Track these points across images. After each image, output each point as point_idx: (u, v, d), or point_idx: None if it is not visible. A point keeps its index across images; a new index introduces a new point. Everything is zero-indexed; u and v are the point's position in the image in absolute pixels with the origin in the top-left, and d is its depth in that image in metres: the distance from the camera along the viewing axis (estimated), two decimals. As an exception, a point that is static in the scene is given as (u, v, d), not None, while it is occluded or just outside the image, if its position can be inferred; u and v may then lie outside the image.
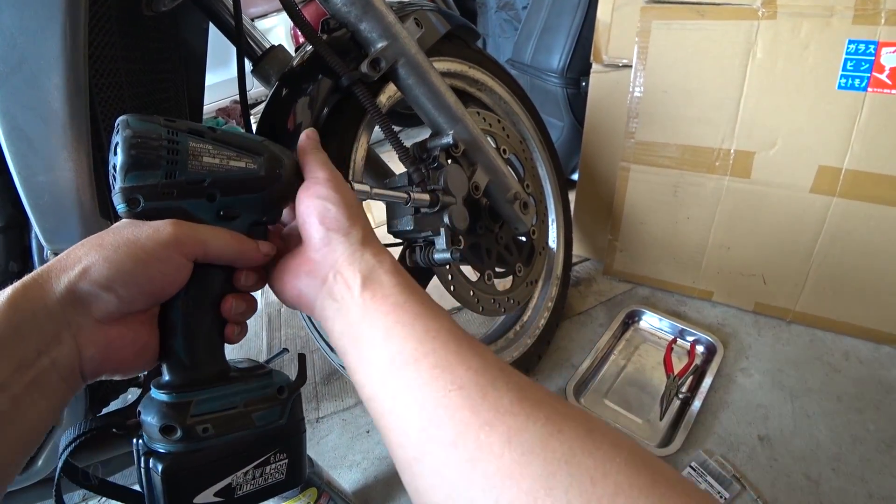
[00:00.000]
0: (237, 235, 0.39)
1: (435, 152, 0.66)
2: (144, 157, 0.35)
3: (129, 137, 0.34)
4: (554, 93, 1.39)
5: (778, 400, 0.96)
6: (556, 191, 1.07)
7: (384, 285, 0.38)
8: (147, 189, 0.35)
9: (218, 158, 0.38)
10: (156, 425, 0.35)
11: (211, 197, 0.38)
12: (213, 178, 0.38)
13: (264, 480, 0.40)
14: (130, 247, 0.34)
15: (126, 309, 0.35)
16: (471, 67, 0.90)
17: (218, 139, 0.38)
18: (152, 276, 0.35)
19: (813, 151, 0.97)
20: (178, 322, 0.38)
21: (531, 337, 0.99)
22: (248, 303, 0.41)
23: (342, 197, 0.41)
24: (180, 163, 0.36)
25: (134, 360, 0.36)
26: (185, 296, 0.38)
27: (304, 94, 0.66)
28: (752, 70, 0.98)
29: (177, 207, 0.37)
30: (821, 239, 1.01)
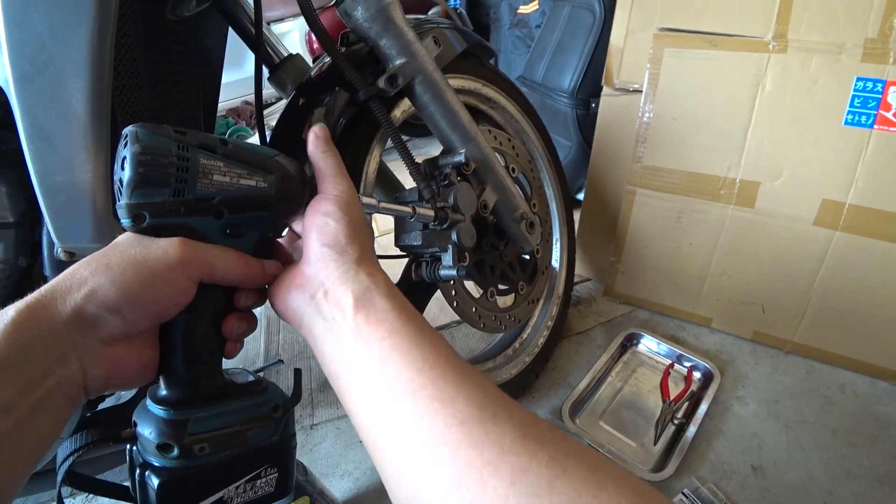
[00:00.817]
0: (244, 257, 0.39)
1: (446, 170, 0.66)
2: (153, 174, 0.34)
3: (138, 154, 0.33)
4: (563, 112, 1.40)
5: (773, 430, 0.96)
6: (561, 210, 1.08)
7: (378, 308, 0.37)
8: (154, 207, 0.34)
9: (228, 176, 0.37)
10: (153, 441, 0.35)
11: (218, 214, 0.37)
12: (222, 196, 0.37)
13: (254, 493, 0.40)
14: (138, 269, 0.33)
15: (131, 330, 0.34)
16: (484, 85, 0.91)
17: (229, 155, 0.37)
18: (158, 297, 0.34)
19: (817, 185, 0.98)
20: (178, 341, 0.37)
21: (530, 355, 1.00)
22: (249, 322, 0.41)
23: (345, 214, 0.40)
24: (190, 181, 0.35)
25: (137, 375, 0.36)
26: (187, 315, 0.37)
27: (320, 104, 0.67)
28: (760, 102, 0.99)
29: (183, 224, 0.36)
30: (822, 271, 1.02)
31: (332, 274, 0.38)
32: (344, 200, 0.41)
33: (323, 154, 0.44)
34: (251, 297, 0.41)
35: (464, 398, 0.32)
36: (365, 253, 0.40)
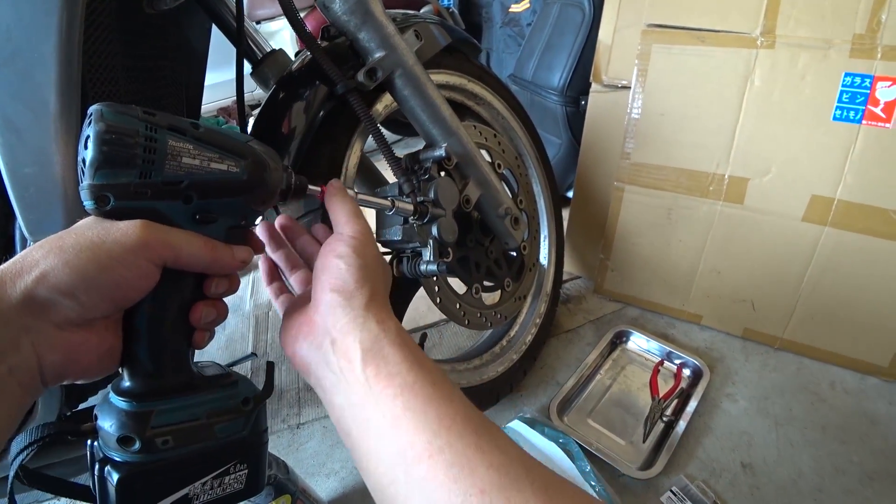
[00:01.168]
0: (211, 242, 0.38)
1: (427, 164, 0.66)
2: (118, 154, 0.32)
3: (102, 132, 0.32)
4: (553, 110, 1.40)
5: (762, 427, 0.96)
6: (549, 207, 1.08)
7: (389, 360, 0.35)
8: (118, 188, 0.33)
9: (198, 160, 0.36)
10: (113, 434, 0.34)
11: (187, 199, 0.36)
12: (191, 180, 0.36)
13: (222, 490, 0.39)
14: (94, 250, 0.32)
15: (88, 315, 0.33)
16: (470, 81, 0.91)
17: (200, 138, 0.36)
18: (117, 281, 0.33)
19: (806, 181, 0.97)
20: (142, 329, 0.36)
21: (517, 352, 0.99)
22: (219, 310, 0.40)
23: (358, 256, 0.39)
24: (157, 163, 0.34)
25: (98, 364, 0.35)
26: (152, 302, 0.36)
27: (300, 98, 0.66)
28: (749, 97, 0.99)
29: (149, 208, 0.35)
30: (811, 268, 1.02)
31: (339, 321, 0.37)
32: (358, 241, 0.40)
33: (339, 199, 0.44)
34: (221, 284, 0.39)
35: (483, 463, 0.30)
36: (375, 297, 0.39)
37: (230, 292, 0.41)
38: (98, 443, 0.36)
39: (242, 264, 0.40)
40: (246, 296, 1.48)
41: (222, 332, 1.36)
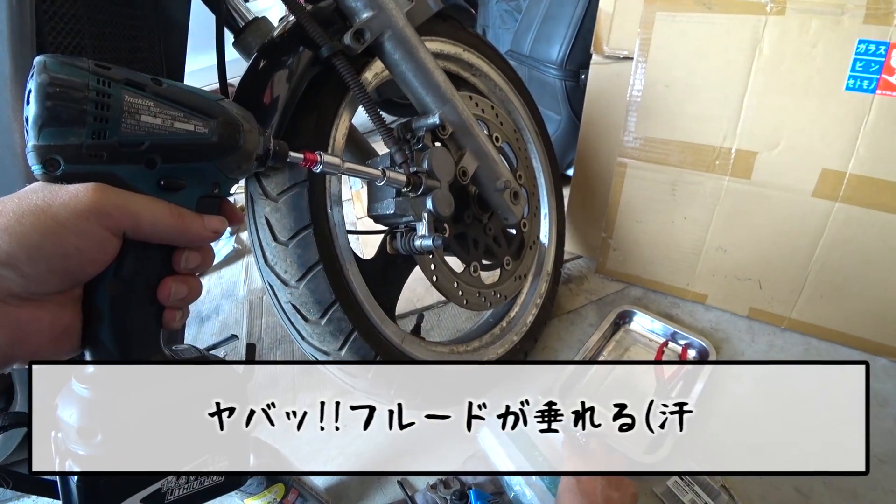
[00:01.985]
0: (177, 209, 0.34)
1: (420, 133, 0.62)
2: (64, 110, 0.29)
3: (45, 84, 0.28)
4: (552, 85, 1.35)
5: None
6: (550, 184, 1.04)
7: None
8: (68, 150, 0.29)
9: (160, 118, 0.32)
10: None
11: (150, 163, 0.32)
12: (152, 141, 0.32)
13: (199, 484, 0.36)
14: (38, 215, 0.28)
15: (36, 289, 0.29)
16: (465, 50, 0.86)
17: (162, 94, 0.32)
18: (66, 251, 0.29)
19: (817, 154, 0.93)
20: (104, 307, 0.32)
21: (518, 334, 0.96)
22: (191, 286, 0.36)
23: None
24: (112, 120, 0.30)
25: (51, 346, 0.31)
26: (113, 277, 0.32)
27: (282, 66, 0.62)
28: (757, 67, 0.94)
29: (107, 173, 0.31)
30: (820, 245, 0.98)
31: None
32: None
33: None
34: (193, 257, 0.36)
35: None
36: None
37: (204, 267, 0.37)
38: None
39: (215, 235, 0.36)
40: (240, 281, 1.44)
41: (216, 318, 1.33)
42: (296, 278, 0.61)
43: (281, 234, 0.60)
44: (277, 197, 0.59)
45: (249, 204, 0.62)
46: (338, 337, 0.63)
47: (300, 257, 0.60)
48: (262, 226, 0.61)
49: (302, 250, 0.60)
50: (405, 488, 0.83)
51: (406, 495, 0.81)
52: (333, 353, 0.65)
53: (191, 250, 0.36)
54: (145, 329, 0.35)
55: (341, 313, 0.62)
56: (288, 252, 0.60)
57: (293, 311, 0.63)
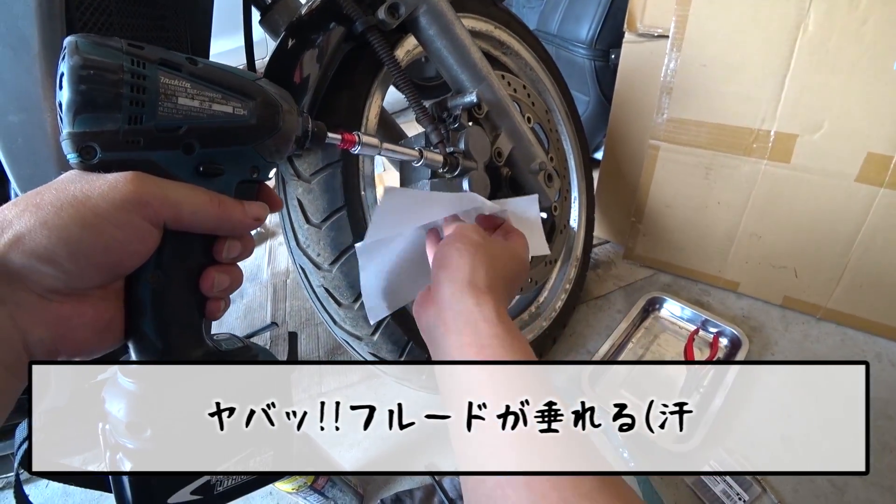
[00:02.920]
0: (218, 196, 0.32)
1: (456, 112, 0.60)
2: (99, 94, 0.27)
3: (78, 67, 0.26)
4: (580, 65, 1.31)
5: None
6: (580, 167, 1.01)
7: (481, 335, 0.36)
8: (104, 136, 0.28)
9: (198, 100, 0.30)
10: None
11: (188, 148, 0.31)
12: (190, 125, 0.30)
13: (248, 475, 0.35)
14: (78, 208, 0.27)
15: (77, 284, 0.28)
16: (497, 28, 0.83)
17: (199, 75, 0.30)
18: (107, 245, 0.28)
19: (863, 136, 0.89)
20: (146, 300, 0.31)
21: (546, 319, 0.94)
22: (234, 276, 0.35)
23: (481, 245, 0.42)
24: (148, 104, 0.28)
25: (96, 340, 0.30)
26: (155, 269, 0.31)
27: (312, 44, 0.60)
28: (801, 45, 0.90)
29: (144, 160, 0.30)
30: (862, 232, 0.94)
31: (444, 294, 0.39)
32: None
33: None
34: (234, 246, 0.34)
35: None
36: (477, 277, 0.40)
37: (244, 256, 0.36)
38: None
39: (256, 222, 0.35)
40: (263, 264, 1.44)
41: (241, 302, 1.33)
42: (329, 261, 0.60)
43: (314, 216, 0.59)
44: (310, 178, 0.58)
45: (281, 185, 0.61)
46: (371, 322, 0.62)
47: (334, 240, 0.59)
48: (294, 208, 0.60)
49: (336, 233, 0.59)
50: (432, 473, 0.82)
51: (434, 479, 0.81)
52: (366, 338, 0.64)
53: (232, 239, 0.34)
54: (188, 320, 0.34)
55: (374, 297, 0.61)
56: (321, 234, 0.59)
57: (326, 296, 0.62)
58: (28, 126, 0.42)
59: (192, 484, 0.32)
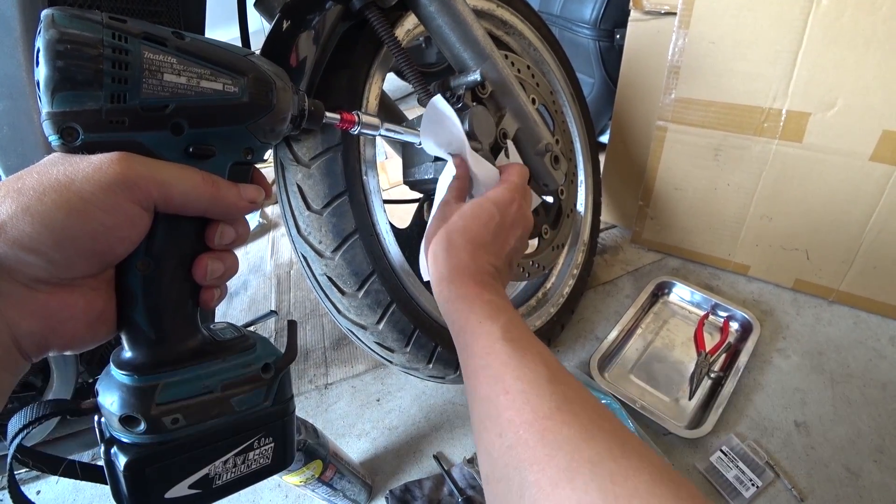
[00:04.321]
0: (210, 176, 0.31)
1: (459, 91, 0.58)
2: (78, 71, 0.25)
3: (54, 41, 0.25)
4: (585, 46, 1.28)
5: (817, 384, 0.89)
6: (586, 150, 0.99)
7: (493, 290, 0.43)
8: (86, 116, 0.26)
9: (185, 77, 0.28)
10: (115, 414, 0.29)
11: (176, 128, 0.29)
12: (178, 103, 0.29)
13: (247, 467, 0.34)
14: (61, 192, 0.25)
15: (64, 274, 0.27)
16: (499, 6, 0.81)
17: (185, 49, 0.29)
18: (94, 231, 0.26)
19: (878, 114, 0.86)
20: (136, 289, 0.30)
21: (554, 305, 0.92)
22: (228, 263, 0.33)
23: (448, 228, 0.47)
24: (132, 81, 0.27)
25: (88, 331, 0.29)
26: (145, 256, 0.30)
27: (308, 25, 0.57)
28: (814, 19, 0.87)
29: (130, 141, 0.28)
30: (876, 212, 0.92)
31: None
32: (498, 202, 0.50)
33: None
34: (228, 232, 0.33)
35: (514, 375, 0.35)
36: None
37: (238, 243, 0.34)
38: (104, 420, 0.31)
39: (252, 205, 0.33)
40: (266, 255, 1.43)
41: (244, 293, 1.32)
42: (331, 249, 0.58)
43: (314, 202, 0.57)
44: (310, 162, 0.56)
45: (279, 171, 0.59)
46: (375, 310, 0.61)
47: (335, 226, 0.57)
48: (293, 194, 0.58)
49: (337, 219, 0.57)
50: (441, 462, 0.81)
51: (443, 469, 0.80)
52: (371, 327, 0.62)
53: (225, 224, 0.33)
54: (181, 309, 0.32)
55: (379, 285, 0.60)
56: (322, 221, 0.57)
57: (329, 284, 0.60)
58: (13, 113, 0.40)
59: (190, 477, 0.31)
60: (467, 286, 0.43)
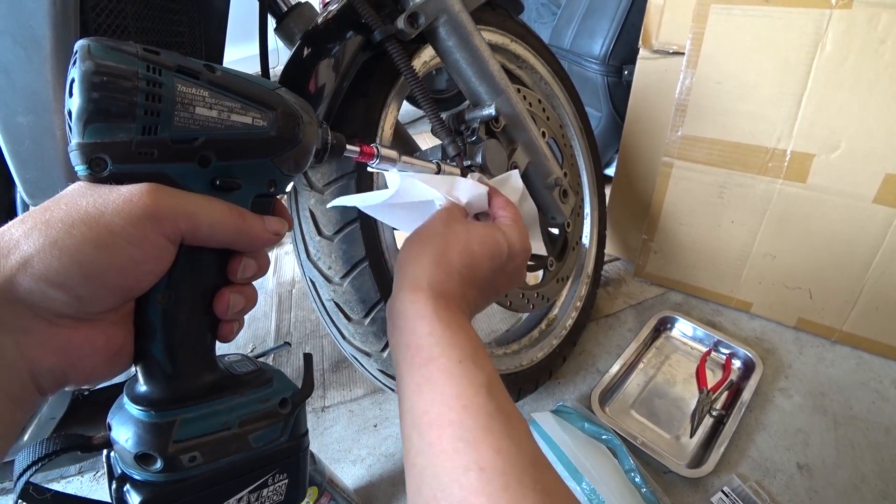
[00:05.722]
0: (237, 209, 0.31)
1: (474, 124, 0.58)
2: (112, 103, 0.25)
3: (90, 73, 0.25)
4: (593, 80, 1.31)
5: (820, 426, 0.88)
6: (592, 183, 1.00)
7: (417, 334, 0.36)
8: (116, 147, 0.26)
9: (216, 110, 0.29)
10: (130, 451, 0.28)
11: (204, 161, 0.29)
12: (207, 136, 0.29)
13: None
14: (91, 225, 0.25)
15: (89, 308, 0.26)
16: (513, 41, 0.83)
17: (217, 83, 0.29)
18: (122, 265, 0.26)
19: (880, 157, 0.88)
20: (156, 322, 0.30)
21: (557, 338, 0.92)
22: (248, 296, 0.33)
23: (434, 236, 0.41)
24: (164, 114, 0.27)
25: (107, 367, 0.28)
26: (167, 289, 0.29)
27: (328, 53, 0.59)
28: (819, 64, 0.89)
29: (157, 173, 0.28)
30: (880, 254, 0.92)
31: (395, 291, 0.40)
32: (462, 229, 0.43)
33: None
34: (250, 265, 0.33)
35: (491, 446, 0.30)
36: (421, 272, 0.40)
37: (260, 275, 0.34)
38: (115, 455, 0.30)
39: (276, 237, 0.33)
40: (269, 273, 1.43)
41: (242, 310, 1.31)
42: (340, 275, 0.58)
43: (326, 228, 0.57)
44: (323, 189, 0.57)
45: (293, 195, 0.60)
46: (381, 338, 0.61)
47: (345, 253, 0.57)
48: (305, 219, 0.58)
49: (348, 245, 0.57)
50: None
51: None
52: (375, 355, 0.62)
53: (248, 257, 0.33)
54: (200, 343, 0.32)
55: (385, 313, 0.60)
56: (333, 247, 0.57)
57: (335, 310, 0.60)
58: (36, 128, 0.41)
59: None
60: (451, 311, 0.38)
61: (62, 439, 0.30)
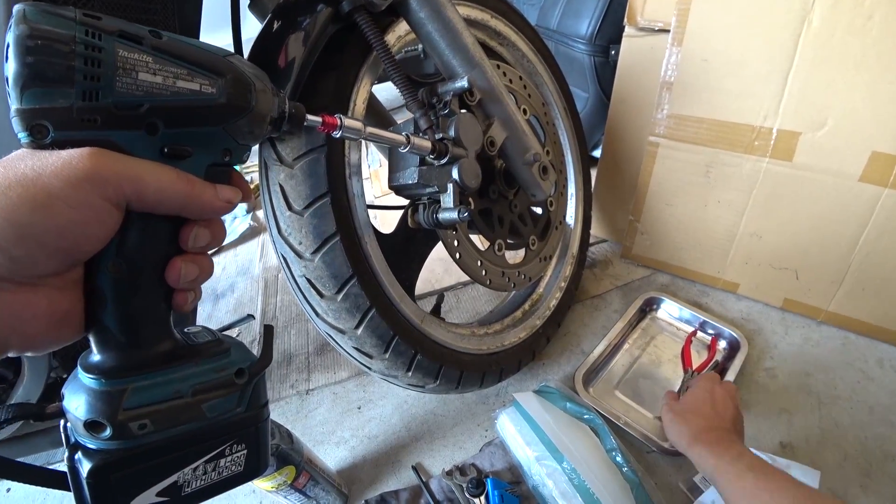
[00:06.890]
0: (185, 174, 0.30)
1: (447, 97, 0.57)
2: (48, 67, 0.25)
3: (25, 36, 0.24)
4: (580, 61, 1.29)
5: (804, 406, 0.88)
6: (577, 162, 0.99)
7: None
8: (57, 114, 0.26)
9: (160, 76, 0.28)
10: (80, 419, 0.28)
11: (151, 128, 0.29)
12: (153, 102, 0.28)
13: (218, 475, 0.33)
14: (27, 186, 0.24)
15: (27, 272, 0.26)
16: (493, 17, 0.81)
17: (162, 49, 0.28)
18: (61, 227, 0.25)
19: (867, 135, 0.87)
20: (107, 291, 0.29)
21: (541, 318, 0.92)
22: (203, 266, 0.32)
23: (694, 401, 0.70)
24: (105, 79, 0.26)
25: (50, 333, 0.28)
26: (116, 256, 0.29)
27: (298, 26, 0.57)
28: (805, 40, 0.88)
29: (103, 140, 0.27)
30: (866, 233, 0.92)
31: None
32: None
33: None
34: (203, 234, 0.32)
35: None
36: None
37: (213, 245, 0.33)
38: (69, 424, 0.30)
39: (228, 206, 0.33)
40: (255, 258, 1.42)
41: (231, 296, 1.31)
42: (311, 250, 0.57)
43: (296, 203, 0.56)
44: (293, 163, 0.56)
45: (263, 170, 0.59)
46: (354, 314, 0.60)
47: (316, 227, 0.56)
48: (275, 193, 0.57)
49: (318, 220, 0.56)
50: (419, 473, 0.80)
51: (420, 481, 0.79)
52: (349, 332, 0.61)
53: (200, 226, 0.32)
54: (153, 312, 0.31)
55: (358, 289, 0.59)
56: (303, 222, 0.57)
57: (307, 286, 0.60)
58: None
59: (158, 485, 0.30)
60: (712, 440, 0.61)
61: (15, 408, 0.30)
